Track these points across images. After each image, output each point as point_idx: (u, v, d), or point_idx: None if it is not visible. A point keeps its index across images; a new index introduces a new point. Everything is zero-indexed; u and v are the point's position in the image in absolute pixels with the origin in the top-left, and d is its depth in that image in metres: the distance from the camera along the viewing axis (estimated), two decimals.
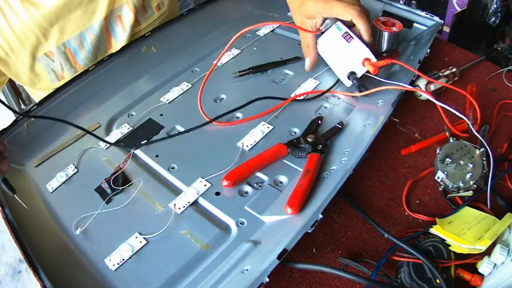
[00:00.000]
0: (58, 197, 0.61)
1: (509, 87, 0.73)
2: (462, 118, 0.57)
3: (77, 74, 0.75)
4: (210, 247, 0.52)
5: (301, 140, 0.61)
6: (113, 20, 0.83)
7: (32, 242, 0.52)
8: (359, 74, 0.67)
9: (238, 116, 0.69)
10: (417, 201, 0.58)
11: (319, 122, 0.65)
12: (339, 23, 0.71)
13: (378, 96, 0.66)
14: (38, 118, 0.68)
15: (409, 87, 0.63)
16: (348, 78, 0.68)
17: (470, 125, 0.59)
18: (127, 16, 0.85)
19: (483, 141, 0.58)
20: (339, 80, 0.71)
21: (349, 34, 0.67)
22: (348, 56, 0.67)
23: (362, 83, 0.67)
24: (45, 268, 0.49)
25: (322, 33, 0.70)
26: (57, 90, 0.72)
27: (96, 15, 0.80)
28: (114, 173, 0.61)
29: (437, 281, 0.46)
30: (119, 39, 0.87)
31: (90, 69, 0.75)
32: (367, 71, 0.66)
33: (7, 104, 0.52)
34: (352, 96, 0.69)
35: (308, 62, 0.73)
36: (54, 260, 0.52)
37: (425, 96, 0.69)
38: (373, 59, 0.65)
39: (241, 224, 0.54)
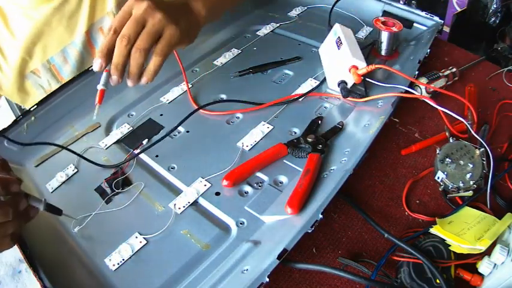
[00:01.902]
0: (58, 197, 0.61)
1: (509, 87, 0.73)
2: (461, 120, 0.57)
3: (77, 74, 0.75)
4: (210, 247, 0.52)
5: (301, 140, 0.61)
6: (95, 32, 0.82)
7: (32, 242, 0.52)
8: (349, 84, 0.66)
9: (238, 116, 0.69)
10: (417, 201, 0.58)
11: (319, 122, 0.65)
12: (336, 26, 0.71)
13: None
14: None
15: (405, 95, 0.62)
16: (338, 86, 0.67)
17: (469, 126, 0.59)
18: None
19: (482, 141, 0.58)
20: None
21: (340, 40, 0.67)
22: (338, 62, 0.66)
23: (357, 91, 0.66)
24: (45, 268, 0.49)
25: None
26: (57, 90, 0.72)
27: (77, 30, 0.79)
28: (114, 173, 0.61)
29: (437, 281, 0.46)
30: None
31: (90, 68, 0.75)
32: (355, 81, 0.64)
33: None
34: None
35: None
36: (54, 260, 0.52)
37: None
38: (361, 65, 0.63)
39: (241, 224, 0.54)
